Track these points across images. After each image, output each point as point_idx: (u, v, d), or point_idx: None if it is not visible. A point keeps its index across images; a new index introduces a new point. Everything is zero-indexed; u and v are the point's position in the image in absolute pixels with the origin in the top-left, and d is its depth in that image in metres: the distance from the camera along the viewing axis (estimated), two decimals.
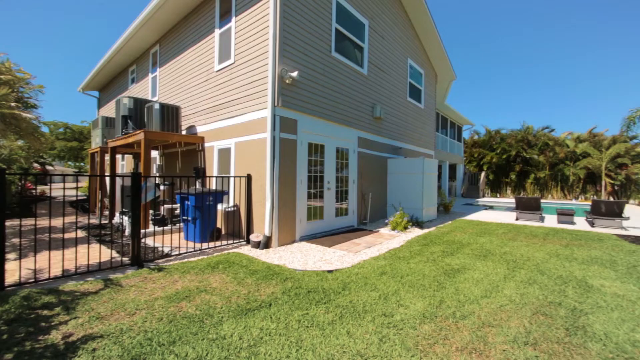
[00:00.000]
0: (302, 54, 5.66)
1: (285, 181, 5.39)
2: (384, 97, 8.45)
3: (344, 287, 3.38)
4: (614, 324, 2.61)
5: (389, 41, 8.67)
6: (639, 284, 3.55)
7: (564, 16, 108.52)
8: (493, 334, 2.43)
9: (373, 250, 5.06)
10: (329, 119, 6.38)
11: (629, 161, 16.79)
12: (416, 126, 10.70)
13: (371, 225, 7.48)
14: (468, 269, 4.07)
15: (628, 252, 5.01)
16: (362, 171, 7.55)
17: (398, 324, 2.58)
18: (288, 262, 4.36)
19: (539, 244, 5.54)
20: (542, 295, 3.21)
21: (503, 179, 20.50)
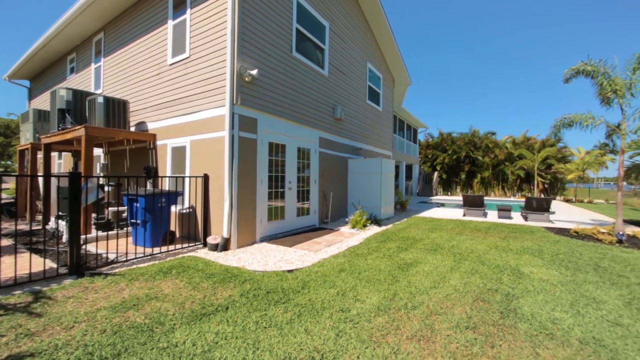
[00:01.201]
0: (262, 52, 5.57)
1: (245, 181, 5.27)
2: (344, 99, 8.66)
3: (304, 286, 3.41)
4: (539, 305, 2.98)
5: (349, 44, 8.90)
6: (559, 270, 4.09)
7: (507, 34, 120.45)
8: (439, 321, 2.64)
9: (333, 249, 5.16)
10: (290, 118, 6.37)
11: (556, 162, 19.23)
12: (375, 128, 11.12)
13: (332, 224, 7.62)
14: (420, 262, 4.35)
15: (553, 242, 5.74)
16: (323, 171, 7.65)
17: (354, 318, 2.67)
18: (247, 264, 4.27)
19: (481, 238, 6.10)
20: (482, 283, 3.55)
21: (454, 178, 22.19)
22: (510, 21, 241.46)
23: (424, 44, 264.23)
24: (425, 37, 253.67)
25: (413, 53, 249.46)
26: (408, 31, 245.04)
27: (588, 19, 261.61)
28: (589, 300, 3.08)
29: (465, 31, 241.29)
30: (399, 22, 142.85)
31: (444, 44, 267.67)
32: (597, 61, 6.73)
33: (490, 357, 2.15)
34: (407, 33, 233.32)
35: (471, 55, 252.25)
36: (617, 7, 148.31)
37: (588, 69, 6.79)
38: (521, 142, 20.82)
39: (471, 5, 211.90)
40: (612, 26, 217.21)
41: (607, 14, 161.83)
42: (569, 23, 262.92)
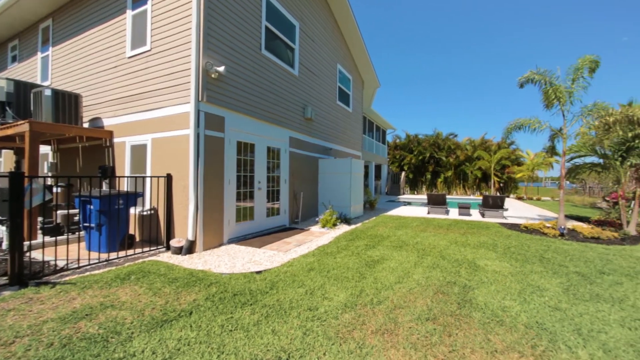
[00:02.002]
0: (230, 49, 5.43)
1: (212, 181, 5.10)
2: (314, 99, 8.70)
3: (272, 287, 3.38)
4: (491, 295, 3.23)
5: (319, 45, 8.96)
6: (510, 262, 4.45)
7: (473, 42, 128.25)
8: (402, 315, 2.76)
9: (303, 248, 5.18)
10: (259, 117, 6.28)
11: (510, 163, 20.85)
12: (345, 128, 11.31)
13: (303, 223, 7.63)
14: (386, 259, 4.51)
15: (505, 237, 6.23)
16: (293, 171, 7.63)
17: (322, 316, 2.71)
18: (214, 267, 4.14)
19: (443, 234, 6.46)
20: (442, 276, 3.76)
21: (420, 178, 23.23)
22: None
23: (393, 46, 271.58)
24: (395, 39, 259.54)
25: (384, 54, 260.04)
26: (378, 33, 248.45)
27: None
28: (534, 289, 3.39)
29: (434, 34, 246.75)
30: (367, 24, 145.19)
31: (412, 46, 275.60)
32: (544, 70, 7.40)
33: (447, 345, 2.29)
34: (376, 35, 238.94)
35: (438, 58, 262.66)
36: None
37: (536, 77, 7.45)
38: (479, 144, 22.31)
39: (447, 8, 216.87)
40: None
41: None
42: (540, 26, 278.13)
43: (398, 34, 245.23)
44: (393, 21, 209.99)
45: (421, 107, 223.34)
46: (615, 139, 7.20)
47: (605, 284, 3.58)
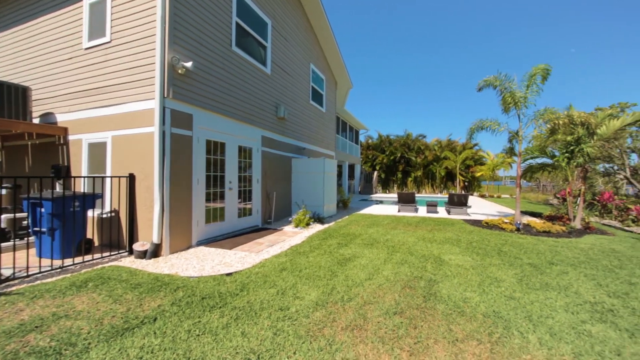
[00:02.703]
0: (198, 44, 5.25)
1: (179, 181, 4.90)
2: (287, 98, 8.65)
3: (243, 288, 3.32)
4: (454, 287, 3.41)
5: (292, 44, 8.92)
6: (472, 256, 4.73)
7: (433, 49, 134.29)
8: (372, 310, 2.84)
9: (276, 248, 5.14)
10: (230, 116, 6.12)
11: (473, 163, 22.13)
12: (319, 128, 11.37)
13: (276, 223, 7.57)
14: (358, 257, 4.61)
15: (468, 232, 6.61)
16: (266, 170, 7.54)
17: (293, 316, 2.71)
18: (181, 270, 3.99)
19: (412, 231, 6.72)
20: (410, 272, 3.92)
21: (391, 177, 23.94)
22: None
23: (366, 47, 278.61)
24: (366, 40, 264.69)
25: (357, 55, 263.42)
26: (351, 34, 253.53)
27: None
28: (492, 280, 3.64)
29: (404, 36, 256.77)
30: (340, 24, 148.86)
31: (384, 47, 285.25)
32: (503, 75, 7.93)
33: (413, 337, 2.39)
34: (350, 36, 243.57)
35: (408, 59, 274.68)
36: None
37: (496, 82, 7.97)
38: (446, 145, 23.45)
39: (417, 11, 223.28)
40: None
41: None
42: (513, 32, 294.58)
43: (369, 37, 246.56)
44: (367, 24, 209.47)
45: (394, 108, 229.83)
46: (561, 141, 7.91)
47: (553, 273, 3.93)
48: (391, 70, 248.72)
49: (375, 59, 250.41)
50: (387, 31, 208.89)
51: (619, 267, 4.24)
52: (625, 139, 12.76)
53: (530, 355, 2.16)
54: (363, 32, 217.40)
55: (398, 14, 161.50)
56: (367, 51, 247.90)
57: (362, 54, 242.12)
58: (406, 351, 2.21)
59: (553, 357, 2.14)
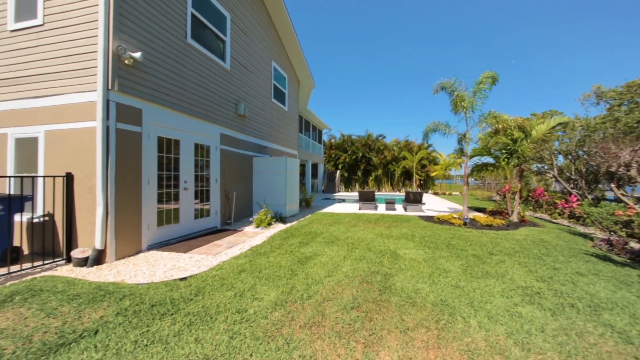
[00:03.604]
0: (149, 33, 4.89)
1: (126, 181, 4.53)
2: (248, 96, 8.44)
3: (198, 293, 3.18)
4: (407, 280, 3.61)
5: (253, 41, 8.71)
6: (424, 250, 5.05)
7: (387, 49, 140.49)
8: (330, 306, 2.89)
9: (235, 250, 4.99)
10: (185, 111, 5.80)
11: (428, 163, 23.57)
12: (281, 127, 11.26)
13: (236, 224, 7.35)
14: (318, 255, 4.66)
15: (422, 228, 7.03)
16: (225, 169, 7.28)
17: (251, 317, 2.66)
18: (129, 277, 3.69)
19: (371, 228, 6.97)
20: (368, 267, 4.06)
21: (353, 176, 24.55)
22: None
23: (331, 48, 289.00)
24: (331, 41, 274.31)
25: (324, 55, 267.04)
26: (315, 35, 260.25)
27: None
28: (441, 271, 3.92)
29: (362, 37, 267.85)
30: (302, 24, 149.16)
31: (345, 47, 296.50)
32: (454, 81, 8.54)
33: (368, 329, 2.48)
34: (315, 37, 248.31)
35: (371, 60, 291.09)
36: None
37: (447, 86, 8.57)
38: (404, 145, 24.68)
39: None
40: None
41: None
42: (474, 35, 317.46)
43: (334, 38, 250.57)
44: (331, 25, 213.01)
45: (356, 108, 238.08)
46: (502, 143, 8.77)
47: (493, 262, 4.35)
48: (355, 70, 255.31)
49: (339, 59, 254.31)
50: (351, 32, 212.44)
51: (546, 254, 4.83)
52: (554, 142, 14.53)
53: (471, 338, 2.37)
54: (327, 33, 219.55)
55: (363, 15, 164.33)
56: (332, 52, 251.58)
57: (328, 54, 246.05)
58: (361, 343, 2.29)
59: (490, 338, 2.38)
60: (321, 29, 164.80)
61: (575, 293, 3.28)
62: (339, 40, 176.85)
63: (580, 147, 12.73)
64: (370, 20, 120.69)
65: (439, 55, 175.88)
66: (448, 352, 2.20)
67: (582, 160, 12.50)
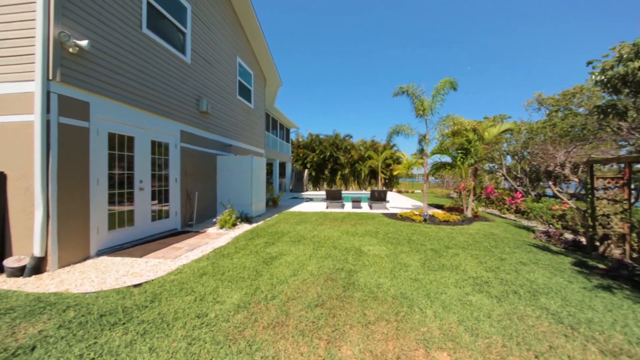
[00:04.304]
0: (97, 20, 4.49)
1: (71, 181, 4.13)
2: (211, 92, 8.12)
3: (154, 299, 3.00)
4: (370, 275, 3.73)
5: (216, 34, 8.39)
6: (387, 246, 5.24)
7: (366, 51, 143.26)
8: (294, 305, 2.89)
9: (196, 252, 4.78)
10: (140, 106, 5.42)
11: (392, 162, 24.48)
12: (247, 125, 10.99)
13: (198, 226, 7.04)
14: (284, 254, 4.63)
15: (385, 225, 7.30)
16: (187, 168, 6.94)
17: (211, 322, 2.57)
18: (74, 286, 3.38)
19: (337, 226, 7.08)
20: (333, 265, 4.12)
21: (321, 175, 24.75)
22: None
23: (301, 47, 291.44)
24: (300, 40, 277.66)
25: (294, 54, 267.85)
26: (284, 34, 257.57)
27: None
28: (402, 266, 4.10)
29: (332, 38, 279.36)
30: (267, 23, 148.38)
31: (318, 47, 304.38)
32: (413, 85, 8.96)
33: (331, 326, 2.52)
34: (284, 36, 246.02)
35: (340, 60, 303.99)
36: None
37: (409, 90, 8.96)
38: (370, 145, 25.39)
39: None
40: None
41: None
42: None
43: (302, 37, 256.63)
44: (300, 24, 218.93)
45: (324, 107, 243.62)
46: (458, 144, 9.40)
47: (448, 255, 4.64)
48: (324, 70, 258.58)
49: (308, 59, 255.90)
50: (321, 32, 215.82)
51: (495, 247, 5.27)
52: (503, 143, 15.87)
53: (427, 327, 2.51)
54: (296, 33, 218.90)
55: (331, 15, 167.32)
56: (302, 50, 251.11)
57: (297, 53, 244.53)
58: (324, 340, 2.32)
59: (444, 326, 2.54)
60: (314, 28, 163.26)
61: (518, 281, 3.62)
62: (330, 40, 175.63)
63: (525, 148, 14.05)
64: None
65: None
66: (405, 342, 2.31)
67: (526, 160, 13.81)
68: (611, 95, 4.09)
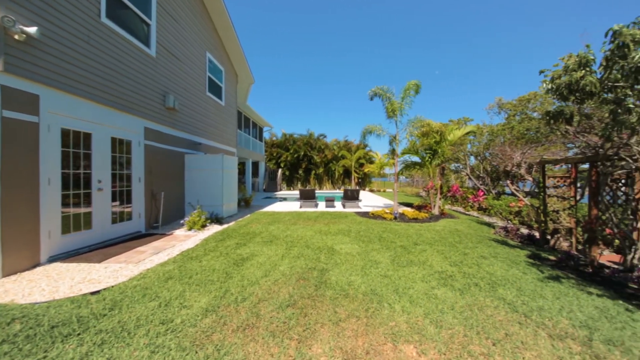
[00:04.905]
0: (49, 6, 4.12)
1: (16, 181, 3.75)
2: (179, 87, 7.77)
3: (113, 307, 2.81)
4: (342, 273, 3.78)
5: (184, 28, 8.04)
6: (359, 244, 5.34)
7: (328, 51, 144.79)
8: (265, 306, 2.85)
9: (162, 256, 4.56)
10: (99, 101, 5.06)
11: (365, 162, 24.98)
12: (218, 122, 10.65)
13: (165, 228, 6.72)
14: (256, 255, 4.55)
15: (358, 223, 7.43)
16: (152, 167, 6.58)
17: (177, 327, 2.46)
18: (21, 296, 3.08)
19: (310, 225, 7.09)
20: (305, 264, 4.13)
21: (295, 174, 24.64)
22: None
23: (276, 47, 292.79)
24: (276, 40, 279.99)
25: (262, 54, 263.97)
26: (260, 33, 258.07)
27: None
28: (373, 263, 4.20)
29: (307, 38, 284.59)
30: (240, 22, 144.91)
31: (293, 48, 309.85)
32: (385, 87, 9.19)
33: (302, 325, 2.52)
34: (252, 33, 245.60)
35: (317, 60, 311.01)
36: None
37: (381, 92, 9.18)
38: (343, 145, 25.71)
39: None
40: None
41: None
42: None
43: (280, 37, 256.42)
44: (276, 24, 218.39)
45: (299, 106, 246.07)
46: (426, 145, 9.80)
47: (416, 252, 4.83)
48: (300, 70, 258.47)
49: (285, 59, 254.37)
50: (296, 32, 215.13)
51: (459, 242, 5.56)
52: (467, 144, 16.81)
53: (395, 322, 2.60)
54: (272, 32, 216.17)
55: (308, 15, 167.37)
56: (278, 51, 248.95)
57: (272, 53, 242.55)
58: (295, 340, 2.32)
59: (410, 320, 2.63)
60: (270, 25, 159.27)
61: (479, 274, 3.85)
62: (289, 38, 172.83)
63: (487, 149, 14.97)
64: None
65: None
66: (375, 337, 2.37)
67: (488, 160, 14.72)
68: (560, 102, 4.47)
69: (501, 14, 70.30)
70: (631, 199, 4.37)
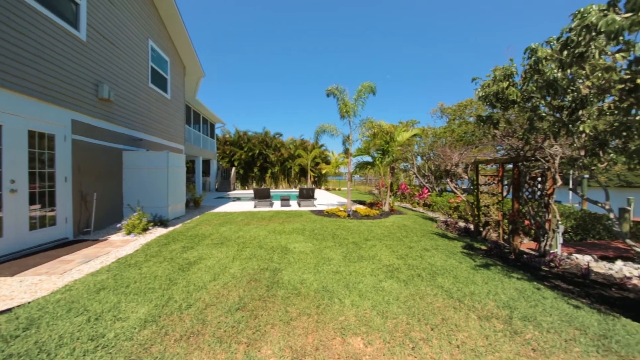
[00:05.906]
0: None
1: None
2: (115, 76, 7.00)
3: (29, 326, 2.44)
4: (294, 272, 3.77)
5: (123, 13, 7.27)
6: (312, 242, 5.39)
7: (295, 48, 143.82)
8: (213, 312, 2.72)
9: (93, 264, 4.08)
10: (10, 87, 4.33)
11: (321, 161, 25.32)
12: (162, 117, 9.86)
13: (98, 233, 6.02)
14: (204, 258, 4.32)
15: (312, 221, 7.50)
16: (81, 165, 5.84)
17: (110, 343, 2.23)
18: None
19: (264, 225, 6.96)
20: (257, 265, 4.04)
21: (250, 173, 23.97)
22: None
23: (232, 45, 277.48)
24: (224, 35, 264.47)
25: (226, 52, 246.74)
26: (208, 29, 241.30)
27: None
28: (325, 260, 4.28)
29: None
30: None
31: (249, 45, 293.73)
32: (339, 87, 9.39)
33: (252, 328, 2.46)
34: (206, 31, 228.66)
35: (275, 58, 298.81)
36: None
37: (335, 92, 9.36)
38: (299, 144, 25.73)
39: None
40: None
41: None
42: None
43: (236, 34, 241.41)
44: (237, 21, 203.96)
45: (254, 103, 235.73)
46: (378, 145, 10.27)
47: (367, 247, 5.04)
48: (254, 67, 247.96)
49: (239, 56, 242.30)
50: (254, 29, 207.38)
51: (405, 236, 5.94)
52: (414, 145, 18.04)
53: (345, 316, 2.67)
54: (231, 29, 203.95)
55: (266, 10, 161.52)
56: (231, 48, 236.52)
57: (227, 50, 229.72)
58: (244, 343, 2.25)
59: (359, 313, 2.74)
60: (231, 24, 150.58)
61: (422, 265, 4.15)
62: (245, 35, 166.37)
63: (431, 150, 16.22)
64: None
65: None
66: (324, 333, 2.41)
67: (432, 160, 15.96)
68: (490, 108, 5.03)
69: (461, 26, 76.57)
70: (544, 194, 5.10)
